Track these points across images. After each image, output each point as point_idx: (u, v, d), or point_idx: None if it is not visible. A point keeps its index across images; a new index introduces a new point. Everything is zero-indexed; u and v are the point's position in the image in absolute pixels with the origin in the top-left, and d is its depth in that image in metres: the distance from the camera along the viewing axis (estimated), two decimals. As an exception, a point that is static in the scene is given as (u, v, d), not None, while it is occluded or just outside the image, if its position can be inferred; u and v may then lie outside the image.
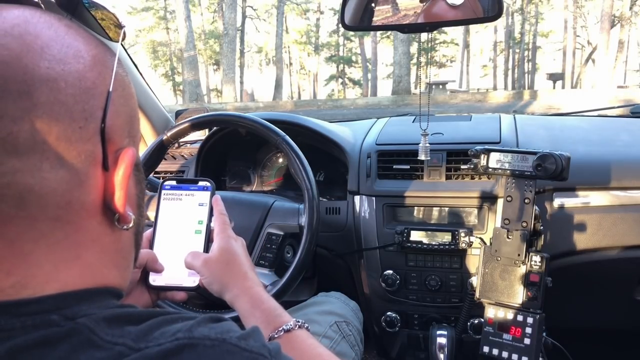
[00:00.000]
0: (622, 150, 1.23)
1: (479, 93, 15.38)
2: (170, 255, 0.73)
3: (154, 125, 1.52)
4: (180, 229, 0.75)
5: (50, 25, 0.39)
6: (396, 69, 14.40)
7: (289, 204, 1.11)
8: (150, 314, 0.40)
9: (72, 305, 0.37)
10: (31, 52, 0.36)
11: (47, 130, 0.36)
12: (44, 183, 0.36)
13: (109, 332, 0.36)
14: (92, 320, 0.36)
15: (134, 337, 0.36)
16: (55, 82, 0.37)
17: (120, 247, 0.44)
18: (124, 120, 0.43)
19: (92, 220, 0.40)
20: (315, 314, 1.01)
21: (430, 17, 0.94)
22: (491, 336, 1.01)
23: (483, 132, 1.31)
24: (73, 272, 0.39)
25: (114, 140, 0.41)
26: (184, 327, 0.38)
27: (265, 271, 1.05)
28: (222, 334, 0.38)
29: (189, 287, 0.71)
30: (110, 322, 0.37)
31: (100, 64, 0.41)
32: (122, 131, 0.43)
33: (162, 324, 0.38)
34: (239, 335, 0.39)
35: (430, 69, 1.30)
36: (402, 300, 1.26)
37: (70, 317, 0.36)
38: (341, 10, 0.98)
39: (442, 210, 1.24)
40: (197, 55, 17.45)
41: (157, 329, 0.38)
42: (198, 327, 0.38)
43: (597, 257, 1.16)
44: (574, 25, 23.41)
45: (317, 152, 1.35)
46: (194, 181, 0.78)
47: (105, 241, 0.42)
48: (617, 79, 17.53)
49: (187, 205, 0.76)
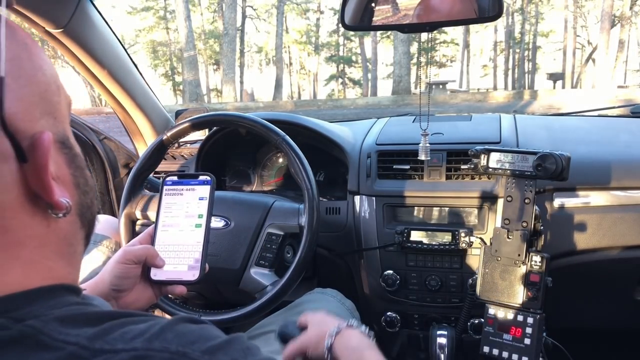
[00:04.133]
0: (622, 150, 1.23)
1: (479, 93, 15.37)
2: (171, 249, 0.74)
3: (154, 125, 1.52)
4: (181, 223, 0.76)
5: None
6: (396, 69, 14.39)
7: (289, 204, 1.11)
8: (113, 315, 0.37)
9: (21, 307, 0.35)
10: None
11: None
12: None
13: (62, 331, 0.34)
14: (41, 321, 0.34)
15: (90, 335, 0.34)
16: None
17: (62, 236, 0.41)
18: (30, 102, 0.38)
19: (23, 217, 0.37)
20: (310, 312, 1.00)
21: (430, 17, 0.94)
22: (491, 336, 1.01)
23: (483, 132, 1.31)
24: (15, 273, 0.37)
25: (22, 128, 0.37)
26: (147, 331, 0.36)
27: (265, 271, 1.05)
28: (185, 345, 0.35)
29: (189, 280, 0.72)
30: (64, 322, 0.35)
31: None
32: (30, 115, 0.38)
33: (124, 324, 0.36)
34: (206, 348, 0.36)
35: (430, 69, 1.30)
36: (402, 300, 1.26)
37: (18, 319, 0.34)
38: (341, 10, 0.98)
39: (442, 210, 1.24)
40: (197, 55, 17.45)
41: (118, 329, 0.35)
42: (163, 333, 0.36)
43: (597, 257, 1.16)
44: (574, 25, 23.39)
45: (317, 152, 1.35)
46: (195, 176, 0.79)
47: (42, 233, 0.39)
48: (617, 78, 17.53)
49: (188, 199, 0.78)
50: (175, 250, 0.74)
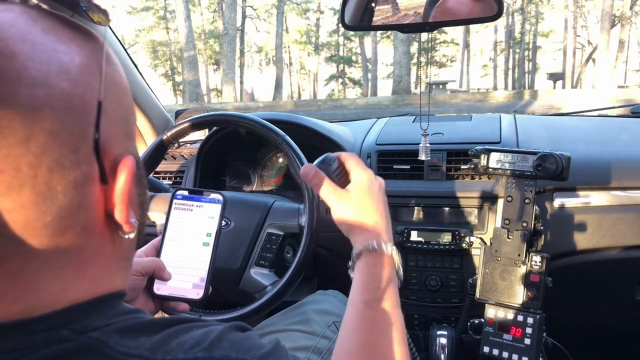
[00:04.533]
0: (622, 150, 1.23)
1: (479, 93, 15.38)
2: (176, 265, 0.73)
3: (154, 125, 1.52)
4: (188, 239, 0.75)
5: (24, 38, 0.33)
6: (396, 68, 14.39)
7: (289, 204, 1.11)
8: (164, 323, 0.38)
9: (81, 318, 0.36)
10: (7, 79, 0.31)
11: (36, 164, 0.32)
12: (39, 217, 0.33)
13: (123, 344, 0.35)
14: (104, 333, 0.35)
15: (149, 347, 0.35)
16: (39, 111, 0.32)
17: (124, 253, 0.43)
18: (118, 125, 0.40)
19: (96, 236, 0.38)
20: (313, 313, 1.00)
21: (431, 17, 0.94)
22: (491, 336, 1.01)
23: (483, 132, 1.31)
24: (81, 288, 0.37)
25: (110, 152, 0.38)
26: (202, 340, 0.37)
27: (265, 271, 1.05)
28: (243, 353, 0.37)
29: (192, 299, 0.71)
30: (123, 334, 0.36)
31: (87, 72, 0.36)
32: (117, 138, 0.39)
33: (178, 333, 0.37)
34: (261, 355, 0.38)
35: (430, 68, 1.30)
36: (402, 300, 1.24)
37: (81, 331, 0.35)
38: (341, 10, 0.98)
39: (442, 210, 1.24)
40: (197, 55, 17.45)
41: (174, 339, 0.36)
42: (219, 342, 0.37)
43: (597, 257, 1.16)
44: (574, 25, 23.40)
45: (317, 152, 1.35)
46: (206, 193, 0.78)
47: (108, 251, 0.40)
48: (617, 78, 17.53)
49: (197, 216, 0.77)
50: (181, 266, 0.73)
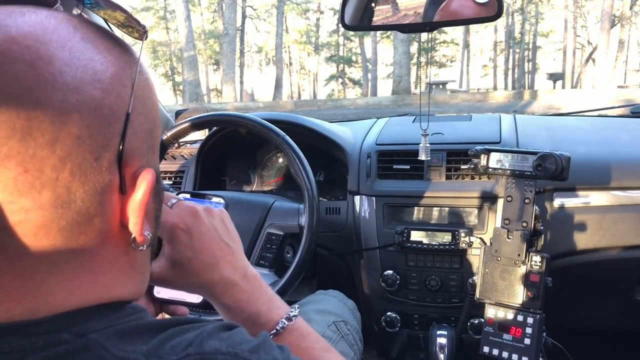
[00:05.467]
0: (622, 150, 1.23)
1: (479, 93, 15.37)
2: None
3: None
4: None
5: (63, 45, 0.34)
6: (396, 68, 14.39)
7: (289, 204, 1.11)
8: (161, 325, 0.39)
9: (83, 322, 0.36)
10: (42, 82, 0.32)
11: (59, 167, 0.33)
12: (55, 219, 0.34)
13: (121, 347, 0.35)
14: (103, 336, 0.35)
15: (145, 352, 0.35)
16: (69, 116, 0.33)
17: (136, 265, 0.42)
18: (143, 138, 0.40)
19: (110, 246, 0.38)
20: (313, 313, 1.00)
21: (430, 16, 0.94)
22: (491, 336, 1.01)
23: (483, 132, 1.31)
24: (89, 294, 0.38)
25: (132, 164, 0.38)
26: (195, 340, 0.37)
27: (265, 271, 1.05)
28: (234, 347, 0.38)
29: (192, 302, 0.71)
30: (122, 336, 0.36)
31: (119, 83, 0.37)
32: (140, 151, 0.39)
33: (174, 335, 0.38)
34: (251, 347, 0.39)
35: (430, 68, 1.30)
36: (402, 300, 1.26)
37: (81, 333, 0.35)
38: (341, 10, 0.98)
39: (442, 210, 1.24)
40: (197, 55, 17.45)
41: (169, 342, 0.37)
42: (209, 339, 0.38)
43: (597, 257, 1.16)
44: (574, 25, 23.40)
45: (317, 152, 1.35)
46: (208, 197, 0.78)
47: (121, 262, 0.40)
48: (617, 78, 17.54)
49: None
50: None
